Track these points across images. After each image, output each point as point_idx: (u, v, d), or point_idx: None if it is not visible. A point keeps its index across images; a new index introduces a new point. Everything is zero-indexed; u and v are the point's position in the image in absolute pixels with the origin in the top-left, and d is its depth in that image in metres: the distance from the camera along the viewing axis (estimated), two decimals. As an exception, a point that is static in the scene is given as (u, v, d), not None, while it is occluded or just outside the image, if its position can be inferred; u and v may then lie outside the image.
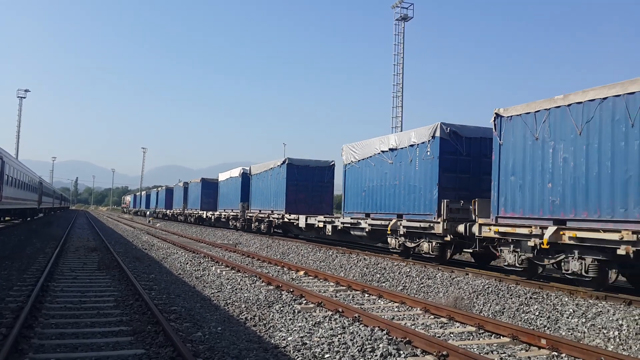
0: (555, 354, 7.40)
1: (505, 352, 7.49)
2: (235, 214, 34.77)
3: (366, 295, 11.97)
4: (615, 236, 9.99)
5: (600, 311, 9.45)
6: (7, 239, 22.90)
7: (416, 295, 12.50)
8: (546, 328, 9.43)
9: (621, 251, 9.85)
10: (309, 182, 27.16)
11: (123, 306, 9.72)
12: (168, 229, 40.31)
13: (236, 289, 12.20)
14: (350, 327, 8.41)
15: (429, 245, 15.81)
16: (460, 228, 14.59)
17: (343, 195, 21.18)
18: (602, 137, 10.68)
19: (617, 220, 10.21)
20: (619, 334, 8.56)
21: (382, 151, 18.43)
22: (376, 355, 6.93)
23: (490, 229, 13.07)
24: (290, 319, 9.11)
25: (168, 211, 59.41)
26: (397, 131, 37.33)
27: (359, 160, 20.05)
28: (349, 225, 19.89)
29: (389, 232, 17.22)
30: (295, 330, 8.32)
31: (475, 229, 13.69)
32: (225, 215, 37.06)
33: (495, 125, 13.34)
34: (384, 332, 7.96)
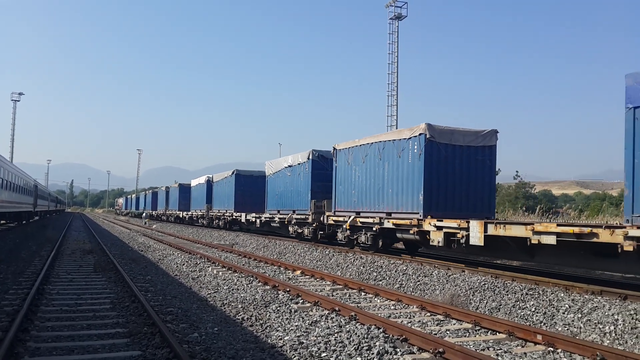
0: (551, 349, 7.42)
1: (501, 349, 7.51)
2: (202, 213, 42.30)
3: (363, 293, 11.98)
4: (375, 219, 17.82)
5: (596, 306, 9.49)
6: (3, 243, 22.82)
7: (413, 293, 12.52)
8: (542, 324, 9.45)
9: (375, 228, 17.95)
10: (252, 188, 33.85)
11: (119, 308, 9.70)
12: (164, 230, 40.26)
13: (233, 290, 12.19)
14: (347, 326, 8.42)
15: (307, 230, 23.27)
16: (321, 218, 22.06)
17: (266, 198, 29.12)
18: (371, 164, 18.66)
19: (376, 211, 18.17)
20: (614, 328, 8.60)
21: (285, 167, 26.31)
22: (373, 354, 6.94)
23: (330, 218, 21.17)
24: (287, 319, 9.11)
25: (153, 212, 67.08)
26: (393, 129, 37.37)
27: (273, 173, 27.99)
28: (269, 219, 28.01)
29: (286, 222, 25.29)
30: (292, 329, 8.32)
31: (324, 218, 21.60)
32: (195, 214, 44.84)
33: (334, 154, 21.46)
34: (381, 330, 7.97)
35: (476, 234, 13.15)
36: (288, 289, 11.66)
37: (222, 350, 7.02)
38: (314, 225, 22.47)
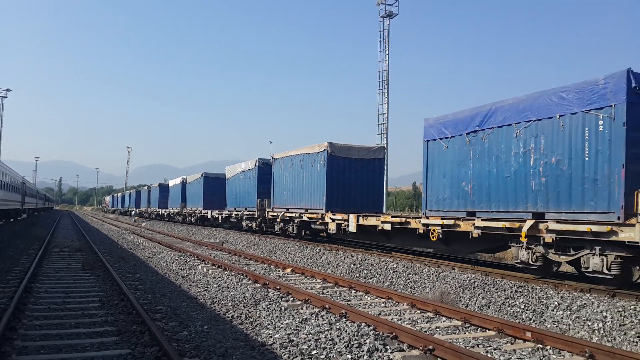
0: (541, 346, 7.47)
1: (490, 346, 7.53)
2: (177, 210, 47.44)
3: (353, 291, 11.98)
4: (297, 214, 22.68)
5: (585, 303, 9.55)
6: (-10, 241, 22.59)
7: (403, 291, 12.54)
8: (531, 321, 9.51)
9: (297, 220, 22.79)
10: (219, 189, 37.16)
11: (108, 306, 9.63)
12: (154, 229, 40.06)
13: (222, 288, 12.14)
14: (337, 324, 8.41)
15: (255, 223, 28.33)
16: (264, 214, 27.02)
17: (226, 197, 34.24)
18: (295, 171, 23.35)
19: (299, 207, 22.89)
20: (603, 325, 8.66)
21: (239, 171, 31.61)
22: (363, 351, 6.94)
23: (269, 213, 26.13)
24: (277, 317, 9.09)
25: (137, 209, 71.47)
26: (383, 127, 37.41)
27: (232, 177, 33.33)
28: (228, 215, 33.28)
29: (239, 217, 30.99)
30: (282, 327, 8.30)
31: (267, 214, 26.54)
32: (172, 212, 50.03)
33: (272, 162, 26.21)
34: (371, 327, 7.96)
35: (352, 223, 18.27)
36: (278, 287, 11.64)
37: (212, 349, 6.99)
38: (259, 219, 27.69)
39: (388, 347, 7.10)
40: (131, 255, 19.27)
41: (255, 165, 28.81)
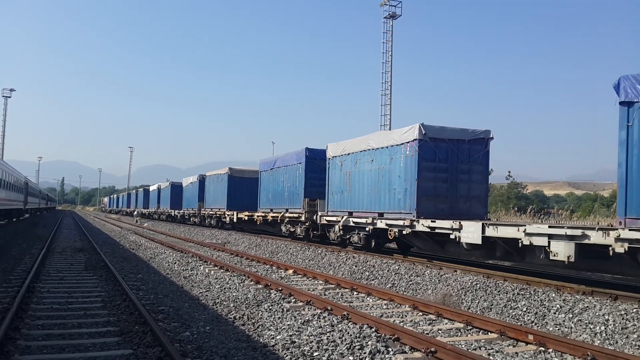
0: (543, 349, 7.46)
1: (492, 348, 7.53)
2: (162, 211, 55.86)
3: (355, 293, 11.98)
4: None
5: (587, 306, 9.54)
6: (-7, 240, 22.64)
7: (405, 293, 12.54)
8: (533, 324, 9.50)
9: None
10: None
11: (110, 306, 9.65)
12: (156, 229, 40.08)
13: (225, 288, 12.16)
14: (339, 325, 8.42)
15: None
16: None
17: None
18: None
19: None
20: (605, 328, 8.65)
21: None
22: (365, 353, 6.94)
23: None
24: (279, 318, 9.09)
25: (128, 209, 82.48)
26: (386, 128, 37.42)
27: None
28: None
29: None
30: (284, 328, 8.31)
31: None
32: (161, 211, 56.87)
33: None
34: (373, 329, 7.97)
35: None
36: (280, 288, 11.65)
37: (214, 349, 7.00)
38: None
39: (390, 349, 7.11)
40: (133, 255, 19.29)
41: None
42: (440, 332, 8.52)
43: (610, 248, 9.85)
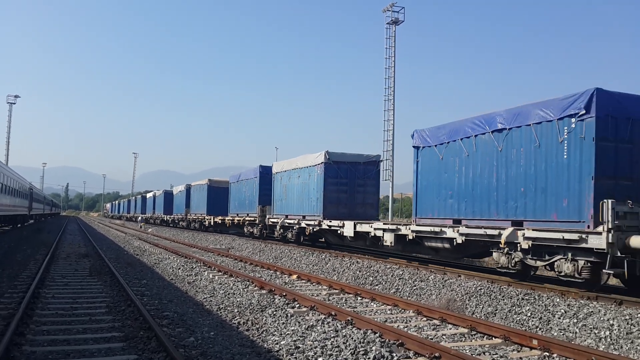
0: (547, 354, 7.45)
1: (497, 353, 7.52)
2: (157, 216, 60.99)
3: (359, 298, 11.98)
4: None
5: (592, 311, 9.52)
6: (-2, 246, 22.72)
7: (409, 298, 12.53)
8: (538, 329, 9.48)
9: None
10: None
11: (115, 312, 9.68)
12: (160, 234, 40.16)
13: (229, 294, 12.17)
14: (343, 330, 8.42)
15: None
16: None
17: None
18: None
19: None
20: (610, 334, 8.63)
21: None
22: (369, 358, 6.95)
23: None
24: (283, 323, 9.10)
25: (128, 214, 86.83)
26: (389, 134, 37.44)
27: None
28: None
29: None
30: (288, 334, 8.32)
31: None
32: (156, 216, 61.63)
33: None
34: (377, 334, 7.97)
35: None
36: (284, 294, 11.66)
37: (219, 355, 7.01)
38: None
39: (394, 355, 7.11)
40: (137, 261, 19.33)
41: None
42: (444, 337, 8.52)
43: (407, 236, 15.71)
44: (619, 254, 10.00)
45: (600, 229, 10.23)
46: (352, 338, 7.85)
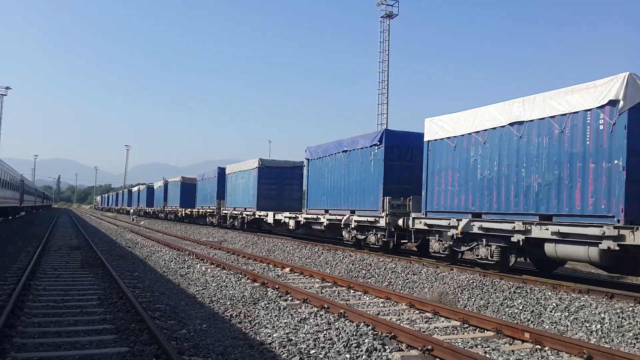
0: (539, 347, 7.48)
1: (489, 346, 7.55)
2: (141, 208, 65.89)
3: (352, 291, 11.99)
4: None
5: (583, 305, 9.57)
6: (-12, 238, 22.56)
7: (401, 291, 12.55)
8: (530, 322, 9.52)
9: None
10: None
11: (107, 304, 9.63)
12: (152, 227, 40.04)
13: (221, 287, 12.15)
14: (336, 323, 8.42)
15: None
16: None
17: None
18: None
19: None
20: (601, 327, 8.68)
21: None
22: (361, 351, 6.95)
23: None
24: (276, 316, 9.09)
25: (114, 207, 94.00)
26: (383, 127, 37.48)
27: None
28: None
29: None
30: (280, 326, 8.31)
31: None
32: (139, 208, 65.88)
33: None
34: (370, 327, 7.97)
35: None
36: (277, 286, 11.64)
37: (211, 347, 6.99)
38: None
39: (387, 347, 7.11)
40: (129, 253, 19.26)
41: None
42: (436, 330, 8.53)
43: (301, 221, 23.01)
44: (393, 230, 16.76)
45: (383, 214, 16.89)
46: (345, 331, 7.85)
